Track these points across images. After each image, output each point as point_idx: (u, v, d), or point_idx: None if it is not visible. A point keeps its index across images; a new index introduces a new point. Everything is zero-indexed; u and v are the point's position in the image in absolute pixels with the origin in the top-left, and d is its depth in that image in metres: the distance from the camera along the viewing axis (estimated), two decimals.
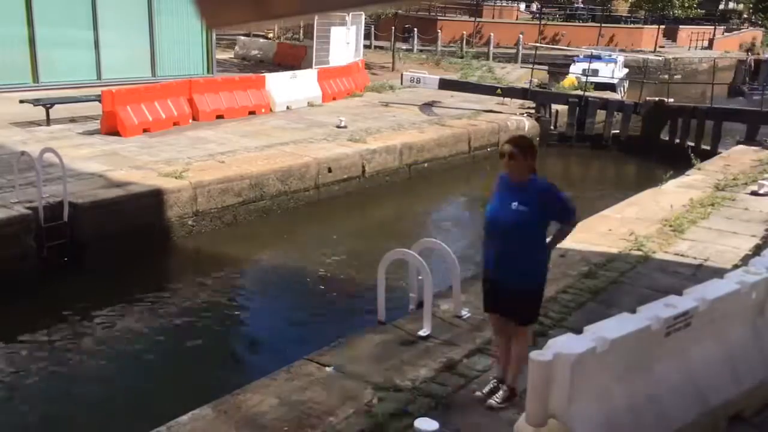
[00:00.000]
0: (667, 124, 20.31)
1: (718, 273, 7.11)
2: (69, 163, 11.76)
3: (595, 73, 23.84)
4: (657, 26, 50.77)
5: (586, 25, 51.72)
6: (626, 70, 31.08)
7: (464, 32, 42.31)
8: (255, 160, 13.94)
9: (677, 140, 19.78)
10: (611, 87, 25.94)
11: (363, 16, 27.83)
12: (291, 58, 29.14)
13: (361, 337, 7.17)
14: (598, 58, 28.26)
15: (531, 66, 27.23)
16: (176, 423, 5.66)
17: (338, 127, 17.40)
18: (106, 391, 8.08)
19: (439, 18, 48.38)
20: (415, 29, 41.32)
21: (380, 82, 25.79)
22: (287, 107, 19.96)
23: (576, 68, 27.55)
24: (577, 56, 30.89)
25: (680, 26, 55.30)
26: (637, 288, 8.43)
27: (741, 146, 17.84)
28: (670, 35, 54.87)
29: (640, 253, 9.65)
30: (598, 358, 4.53)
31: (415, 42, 40.39)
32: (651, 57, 43.57)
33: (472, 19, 48.50)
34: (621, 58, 30.97)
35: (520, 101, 22.09)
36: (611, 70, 27.84)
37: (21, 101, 16.10)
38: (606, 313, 6.66)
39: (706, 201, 12.32)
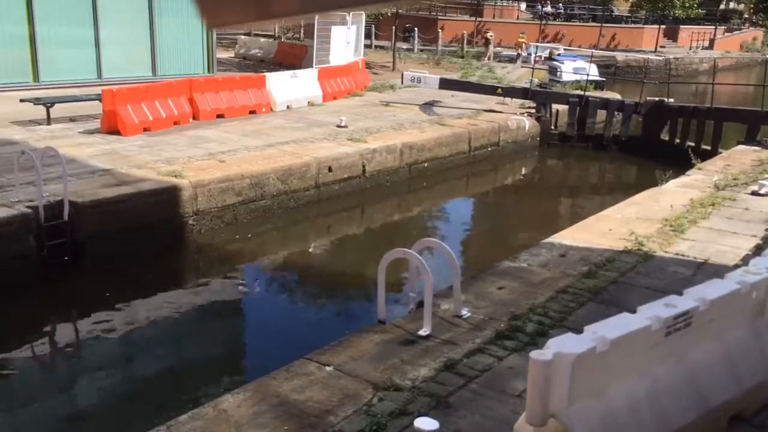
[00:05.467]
0: (667, 124, 20.30)
1: (719, 273, 7.10)
2: (69, 162, 11.76)
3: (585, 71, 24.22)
4: (658, 26, 50.76)
5: (587, 25, 51.75)
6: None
7: (465, 32, 42.32)
8: (255, 160, 13.94)
9: (677, 140, 19.77)
10: (601, 85, 26.20)
11: (363, 16, 27.82)
12: (291, 58, 29.14)
13: (361, 336, 7.17)
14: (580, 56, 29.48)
15: (531, 66, 27.27)
16: (176, 422, 5.67)
17: (338, 126, 17.39)
18: (105, 391, 8.08)
19: (439, 17, 48.44)
20: (416, 29, 41.33)
21: (381, 82, 25.79)
22: (288, 107, 19.96)
23: (567, 67, 28.20)
24: (559, 54, 32.56)
25: (681, 26, 55.29)
26: (638, 288, 8.42)
27: (741, 146, 17.82)
28: (671, 35, 54.87)
29: (640, 252, 9.65)
30: (598, 358, 4.53)
31: (416, 41, 40.37)
32: (652, 57, 43.56)
33: (473, 18, 48.52)
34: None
35: (521, 101, 22.10)
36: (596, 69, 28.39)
37: (21, 100, 16.11)
38: (606, 313, 6.66)
39: (707, 201, 12.31)
